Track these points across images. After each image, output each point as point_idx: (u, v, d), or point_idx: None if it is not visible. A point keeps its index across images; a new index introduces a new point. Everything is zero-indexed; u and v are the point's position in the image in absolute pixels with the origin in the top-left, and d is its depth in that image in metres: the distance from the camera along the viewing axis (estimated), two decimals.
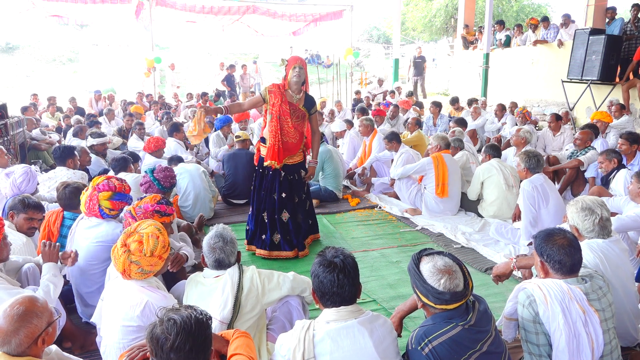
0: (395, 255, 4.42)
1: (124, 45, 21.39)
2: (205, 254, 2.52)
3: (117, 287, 2.40)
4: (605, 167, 4.85)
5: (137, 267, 2.31)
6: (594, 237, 2.62)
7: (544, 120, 10.45)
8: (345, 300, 1.96)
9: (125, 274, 2.33)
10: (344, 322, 1.93)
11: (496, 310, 2.91)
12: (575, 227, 2.65)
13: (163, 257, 2.41)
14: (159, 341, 1.64)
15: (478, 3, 19.57)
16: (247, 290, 2.43)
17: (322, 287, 1.96)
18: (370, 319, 1.97)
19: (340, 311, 1.96)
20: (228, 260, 2.48)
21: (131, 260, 2.30)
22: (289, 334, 1.99)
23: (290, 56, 4.32)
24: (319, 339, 1.90)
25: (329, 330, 1.91)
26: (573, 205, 2.68)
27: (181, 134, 6.94)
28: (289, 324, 2.56)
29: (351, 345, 1.89)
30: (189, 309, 1.74)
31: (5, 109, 6.56)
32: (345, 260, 1.99)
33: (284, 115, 4.17)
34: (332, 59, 18.12)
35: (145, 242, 2.33)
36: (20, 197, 3.34)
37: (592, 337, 2.06)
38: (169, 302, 2.29)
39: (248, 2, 13.78)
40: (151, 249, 2.33)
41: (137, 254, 2.30)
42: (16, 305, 1.86)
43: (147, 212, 2.96)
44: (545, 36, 11.77)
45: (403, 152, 6.03)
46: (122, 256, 2.30)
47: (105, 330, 2.38)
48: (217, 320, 2.33)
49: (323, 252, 2.06)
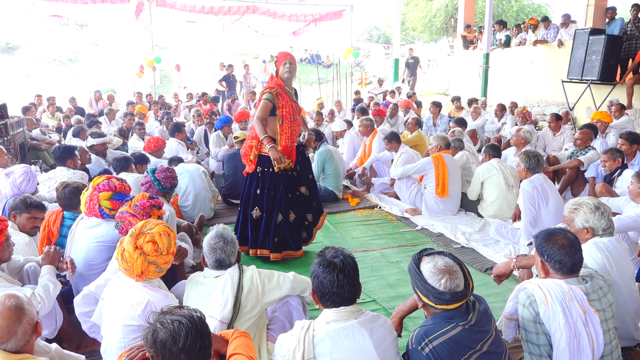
0: (395, 255, 4.42)
1: (124, 45, 21.37)
2: (205, 254, 2.52)
3: (118, 287, 2.40)
4: (609, 166, 4.87)
5: (155, 267, 2.32)
6: (610, 232, 2.64)
7: (544, 120, 10.45)
8: (345, 301, 1.96)
9: (143, 275, 2.31)
10: (344, 322, 1.92)
11: (496, 310, 2.91)
12: (590, 229, 2.64)
13: (174, 252, 2.44)
14: (166, 344, 1.62)
15: (478, 3, 19.57)
16: (247, 290, 2.43)
17: (322, 287, 1.96)
18: (370, 319, 1.97)
19: (340, 311, 1.95)
20: (229, 260, 2.49)
21: (149, 262, 2.29)
22: (288, 335, 1.99)
23: (279, 52, 4.22)
24: (319, 340, 1.90)
25: (328, 330, 1.91)
26: (581, 208, 2.65)
27: (183, 135, 6.92)
28: (289, 324, 2.56)
29: (351, 346, 1.88)
30: (184, 309, 1.73)
31: (5, 109, 6.55)
32: (345, 261, 1.99)
33: (294, 114, 4.14)
34: (332, 59, 18.13)
35: (159, 241, 2.33)
36: (21, 197, 3.34)
37: (592, 337, 2.06)
38: (170, 301, 2.29)
39: (248, 2, 13.77)
40: (167, 247, 2.35)
41: (153, 254, 2.30)
42: (4, 303, 1.90)
43: (145, 208, 2.93)
44: (545, 36, 11.77)
45: (403, 152, 6.03)
46: (139, 259, 2.27)
47: (106, 330, 2.38)
48: (217, 320, 2.32)
49: (323, 252, 2.05)
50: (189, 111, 10.08)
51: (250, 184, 4.26)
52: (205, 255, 2.53)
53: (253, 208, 4.22)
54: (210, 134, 7.86)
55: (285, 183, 4.18)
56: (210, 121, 8.34)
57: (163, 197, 4.04)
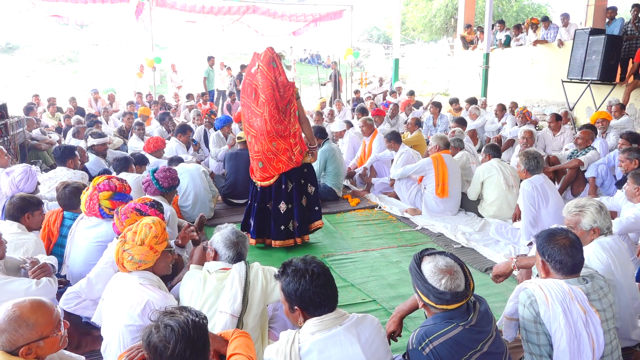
0: (395, 255, 4.42)
1: (124, 45, 21.36)
2: (222, 248, 2.59)
3: (118, 287, 2.41)
4: (626, 166, 4.67)
5: (129, 256, 2.37)
6: (611, 231, 2.68)
7: (544, 120, 10.45)
8: (331, 307, 1.92)
9: (119, 263, 2.41)
10: (328, 331, 1.88)
11: (496, 310, 2.91)
12: (597, 229, 2.67)
13: (155, 249, 2.41)
14: (157, 349, 1.64)
15: (478, 3, 19.57)
16: (253, 284, 2.48)
17: (307, 298, 1.89)
18: (356, 322, 1.93)
19: (324, 320, 1.90)
20: (245, 255, 2.62)
21: (124, 249, 2.38)
22: (274, 348, 1.93)
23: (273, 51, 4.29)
24: (305, 352, 1.85)
25: (314, 341, 1.86)
26: (587, 209, 2.67)
27: (186, 137, 6.90)
28: (290, 323, 2.57)
29: (339, 354, 1.84)
30: (185, 312, 1.73)
31: (5, 109, 6.55)
32: (320, 266, 1.96)
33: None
34: (332, 59, 18.11)
35: (139, 232, 2.41)
36: (23, 196, 3.33)
37: (592, 338, 2.06)
38: (169, 302, 2.28)
39: (248, 2, 13.78)
40: (142, 238, 2.39)
41: (130, 243, 2.38)
42: (17, 306, 1.80)
43: (129, 208, 2.90)
44: (545, 36, 11.78)
45: (403, 152, 6.03)
46: (118, 245, 2.40)
47: (106, 330, 2.39)
48: (228, 314, 2.36)
49: (293, 266, 1.96)
50: (189, 111, 10.07)
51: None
52: (222, 249, 2.58)
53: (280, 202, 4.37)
54: (209, 133, 7.85)
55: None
56: (209, 121, 8.33)
57: (162, 197, 4.05)
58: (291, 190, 4.34)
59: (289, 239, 4.43)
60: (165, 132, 8.29)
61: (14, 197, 3.32)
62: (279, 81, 4.11)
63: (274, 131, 4.14)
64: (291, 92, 4.16)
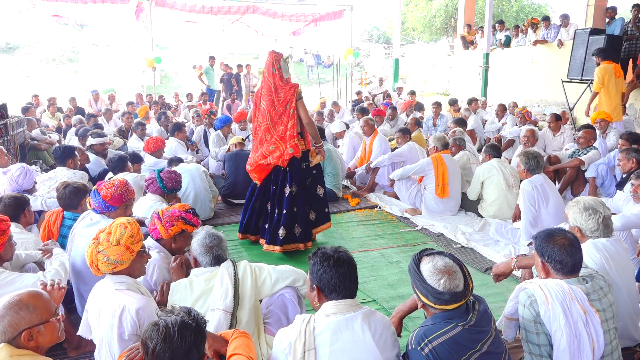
0: (395, 255, 4.42)
1: (124, 45, 21.36)
2: (199, 254, 2.60)
3: (97, 297, 2.37)
4: (623, 165, 4.67)
5: (104, 257, 2.30)
6: (598, 236, 2.63)
7: (544, 120, 10.45)
8: (351, 293, 2.04)
9: (92, 265, 2.33)
10: (343, 315, 1.98)
11: (496, 310, 2.91)
12: (577, 228, 2.65)
13: (131, 248, 2.36)
14: (145, 344, 1.70)
15: (478, 3, 19.58)
16: (242, 280, 2.52)
17: (331, 281, 2.01)
18: (368, 313, 2.03)
19: (340, 304, 2.01)
20: (224, 256, 2.61)
21: (98, 250, 2.31)
22: (289, 328, 2.04)
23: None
24: (319, 331, 1.95)
25: (329, 323, 1.96)
26: (574, 206, 2.68)
27: (183, 134, 6.91)
28: (284, 317, 2.62)
29: (350, 337, 1.94)
30: (182, 313, 1.75)
31: (5, 109, 6.55)
32: (347, 255, 2.09)
33: None
34: (332, 59, 18.11)
35: (113, 232, 2.36)
36: (14, 195, 3.37)
37: (593, 338, 2.06)
38: (148, 304, 2.26)
39: (248, 2, 13.76)
40: (117, 238, 2.33)
41: (105, 244, 2.32)
42: (16, 294, 1.91)
43: (174, 216, 2.98)
44: (545, 36, 11.77)
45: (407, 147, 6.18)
46: (91, 247, 2.34)
47: (95, 338, 2.37)
48: (221, 310, 2.39)
49: (323, 250, 2.10)
50: (189, 111, 10.07)
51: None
52: (199, 256, 2.59)
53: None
54: (209, 133, 7.85)
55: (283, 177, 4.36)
56: (209, 121, 8.33)
57: (162, 197, 4.06)
58: (296, 193, 4.28)
59: (289, 244, 4.30)
60: (165, 131, 8.29)
61: (6, 198, 3.33)
62: (277, 86, 4.17)
63: (275, 133, 4.23)
64: (291, 92, 4.17)
